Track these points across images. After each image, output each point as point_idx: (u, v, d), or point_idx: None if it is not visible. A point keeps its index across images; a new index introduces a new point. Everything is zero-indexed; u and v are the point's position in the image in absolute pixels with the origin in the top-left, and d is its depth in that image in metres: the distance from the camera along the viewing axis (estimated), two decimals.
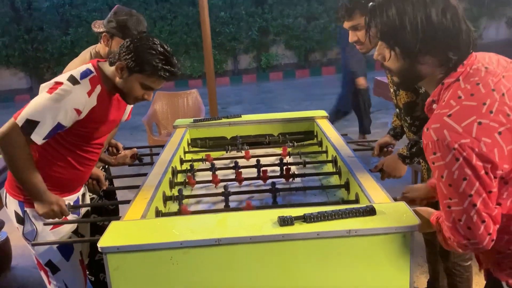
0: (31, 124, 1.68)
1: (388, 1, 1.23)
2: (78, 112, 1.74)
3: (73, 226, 1.98)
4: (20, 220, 1.90)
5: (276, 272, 1.39)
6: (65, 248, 1.94)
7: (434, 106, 1.28)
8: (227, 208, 1.89)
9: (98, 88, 1.80)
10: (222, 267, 1.38)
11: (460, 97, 1.20)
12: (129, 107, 2.21)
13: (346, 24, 2.01)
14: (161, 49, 1.75)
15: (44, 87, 1.78)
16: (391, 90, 2.19)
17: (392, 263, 1.38)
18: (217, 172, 2.27)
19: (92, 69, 1.82)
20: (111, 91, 1.86)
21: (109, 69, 1.83)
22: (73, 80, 1.75)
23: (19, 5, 11.12)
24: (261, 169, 2.24)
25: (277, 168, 2.30)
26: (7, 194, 1.94)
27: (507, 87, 1.20)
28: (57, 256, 1.93)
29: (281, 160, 2.34)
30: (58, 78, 1.77)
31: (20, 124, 1.68)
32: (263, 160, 2.37)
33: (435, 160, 1.18)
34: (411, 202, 1.70)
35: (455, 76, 1.24)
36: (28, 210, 1.88)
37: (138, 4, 10.95)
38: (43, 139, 1.72)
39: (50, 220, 1.87)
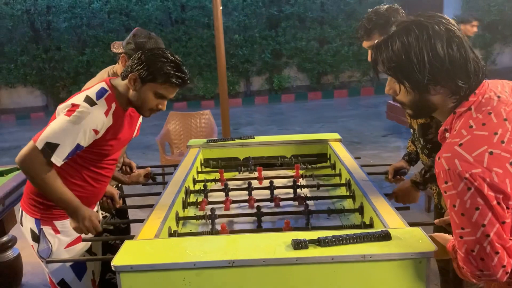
0: (51, 147, 1.70)
1: (392, 36, 1.25)
2: (96, 132, 1.77)
3: (87, 245, 1.98)
4: (36, 238, 1.91)
5: None
6: (78, 267, 1.94)
7: (447, 135, 1.28)
8: (245, 229, 1.88)
9: (113, 106, 1.82)
10: None
11: (471, 127, 1.19)
12: (139, 123, 2.22)
13: (365, 44, 2.05)
14: (172, 57, 1.79)
15: (61, 109, 1.80)
16: None
17: None
18: (230, 193, 2.27)
19: (106, 87, 1.85)
20: (125, 107, 1.88)
21: (121, 84, 1.85)
22: (90, 101, 1.78)
23: (39, 25, 11.41)
24: (274, 196, 2.22)
25: (290, 190, 2.29)
26: (23, 212, 1.95)
27: None
28: (70, 275, 1.93)
29: (294, 182, 2.34)
30: (74, 100, 1.80)
31: (40, 147, 1.70)
32: (276, 182, 2.36)
33: (447, 190, 1.18)
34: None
35: (467, 105, 1.24)
36: (44, 228, 1.89)
37: (154, 26, 11.17)
38: (63, 160, 1.74)
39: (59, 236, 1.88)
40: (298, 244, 1.38)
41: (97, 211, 2.14)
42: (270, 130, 8.23)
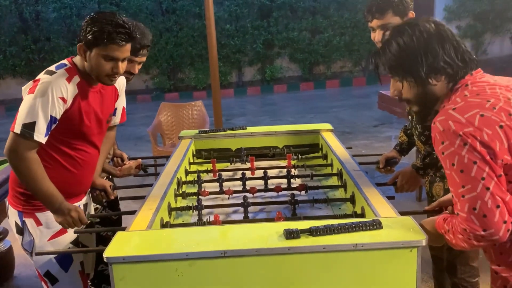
0: (28, 127, 1.69)
1: (387, 41, 1.37)
2: (64, 100, 1.76)
3: (72, 236, 1.96)
4: (19, 230, 1.91)
5: (282, 285, 1.38)
6: (63, 259, 1.92)
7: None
8: (238, 220, 1.89)
9: (77, 78, 1.82)
10: (228, 279, 1.37)
11: (466, 95, 1.29)
12: (120, 106, 2.18)
13: (376, 23, 2.01)
14: (111, 17, 1.76)
15: (25, 89, 1.80)
16: None
17: (398, 277, 1.37)
18: (224, 184, 2.27)
19: (66, 62, 1.86)
20: (90, 82, 1.87)
21: (79, 60, 1.85)
22: (49, 72, 1.80)
23: (27, 15, 11.25)
24: (274, 182, 2.22)
25: (284, 180, 2.30)
26: (9, 205, 1.95)
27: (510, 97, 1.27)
28: (55, 267, 1.92)
29: (288, 172, 2.34)
30: (36, 78, 1.81)
31: (19, 132, 1.70)
32: (270, 172, 2.37)
33: (444, 150, 1.24)
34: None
35: (464, 83, 1.33)
36: (26, 220, 1.88)
37: (144, 16, 11.06)
38: (45, 136, 1.73)
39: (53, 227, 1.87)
40: (290, 234, 1.39)
41: (87, 203, 2.13)
42: (263, 120, 8.23)
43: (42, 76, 1.78)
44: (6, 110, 11.14)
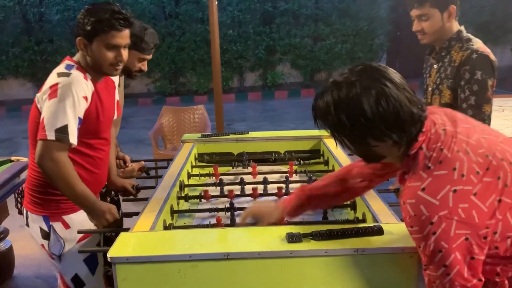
0: (62, 131, 1.69)
1: (327, 106, 1.23)
2: (86, 99, 1.76)
3: (98, 238, 1.95)
4: (46, 235, 1.89)
5: None
6: (91, 261, 1.93)
7: (406, 177, 1.28)
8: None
9: (88, 75, 1.82)
10: (230, 281, 1.39)
11: (429, 167, 1.20)
12: (116, 99, 2.18)
13: (414, 12, 2.03)
14: (106, 6, 1.76)
15: (41, 96, 1.77)
16: (429, 88, 2.20)
17: (398, 283, 1.39)
18: (224, 188, 2.29)
19: (71, 62, 1.84)
20: (97, 78, 1.87)
21: (80, 58, 1.84)
22: (64, 74, 1.77)
23: (31, 17, 11.30)
24: (276, 187, 2.24)
25: (284, 186, 2.31)
26: (28, 213, 1.92)
27: (466, 142, 1.22)
28: (83, 270, 1.92)
29: (286, 178, 2.36)
30: (48, 83, 1.78)
31: (54, 138, 1.68)
32: (270, 177, 2.38)
33: (412, 233, 1.22)
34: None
35: (418, 146, 1.24)
36: (54, 224, 1.88)
37: (147, 20, 11.10)
38: (76, 138, 1.74)
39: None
40: (293, 238, 1.40)
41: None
42: (263, 126, 8.25)
43: (58, 80, 1.75)
44: (7, 111, 11.15)
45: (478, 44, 2.05)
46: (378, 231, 1.44)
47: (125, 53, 1.83)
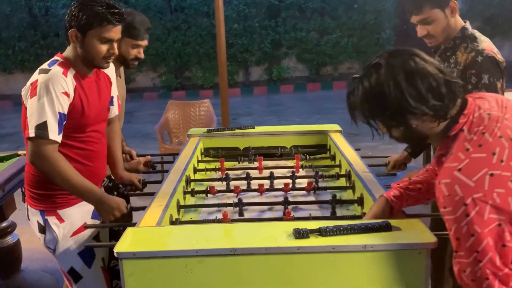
0: (41, 127, 1.70)
1: (362, 98, 1.27)
2: (67, 94, 1.76)
3: (93, 232, 1.97)
4: (42, 229, 1.91)
5: (290, 284, 1.39)
6: (86, 255, 1.93)
7: (443, 159, 1.28)
8: (247, 218, 1.90)
9: (72, 71, 1.82)
10: (236, 277, 1.38)
11: (468, 149, 1.20)
12: (115, 94, 2.17)
13: (415, 19, 1.95)
14: (100, 0, 1.76)
15: (25, 94, 1.80)
16: None
17: (407, 279, 1.38)
18: (230, 183, 2.28)
19: (57, 57, 1.85)
20: (85, 71, 1.87)
21: (70, 50, 1.84)
22: (43, 71, 1.78)
23: (37, 11, 11.32)
24: (282, 182, 2.23)
25: (290, 181, 2.30)
26: (28, 206, 1.95)
27: None
28: (78, 263, 1.93)
29: (293, 173, 2.35)
30: (30, 80, 1.80)
31: (34, 135, 1.70)
32: (276, 172, 2.37)
33: (445, 214, 1.20)
34: None
35: (458, 127, 1.24)
36: (49, 218, 1.89)
37: (153, 14, 11.08)
38: (58, 134, 1.74)
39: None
40: (300, 234, 1.39)
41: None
42: (269, 120, 8.24)
43: (38, 77, 1.76)
44: (14, 105, 11.21)
45: (483, 44, 1.94)
46: (386, 227, 1.43)
47: (116, 46, 1.84)
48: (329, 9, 11.54)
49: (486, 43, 1.95)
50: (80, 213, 1.94)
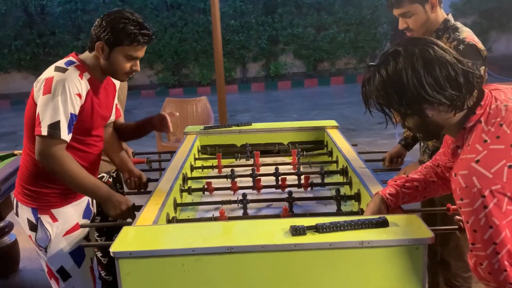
0: (53, 127, 1.70)
1: (374, 71, 1.26)
2: (80, 96, 1.76)
3: (84, 232, 1.97)
4: (33, 227, 1.90)
5: (287, 281, 1.38)
6: (77, 254, 1.93)
7: (459, 151, 1.27)
8: (244, 216, 1.89)
9: (87, 75, 1.82)
10: (234, 275, 1.37)
11: (485, 141, 1.19)
12: (115, 103, 2.18)
13: (396, 12, 2.00)
14: (132, 17, 1.77)
15: (37, 89, 1.79)
16: None
17: (404, 275, 1.37)
18: (228, 180, 2.27)
19: (74, 59, 1.84)
20: (100, 78, 1.88)
21: (90, 57, 1.84)
22: (60, 69, 1.78)
23: (33, 9, 11.28)
24: (280, 177, 2.23)
25: (290, 177, 2.29)
26: (18, 203, 1.94)
27: None
28: (69, 262, 1.92)
29: (298, 169, 2.34)
30: (45, 74, 1.79)
31: (46, 133, 1.69)
32: (272, 169, 2.36)
33: (462, 206, 1.18)
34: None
35: (475, 119, 1.24)
36: (42, 217, 1.88)
37: (149, 11, 11.06)
38: (68, 134, 1.74)
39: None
40: (296, 231, 1.39)
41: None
42: (267, 117, 8.23)
43: (53, 74, 1.76)
44: (11, 104, 11.19)
45: (464, 33, 1.95)
46: (383, 222, 1.42)
47: (138, 63, 1.87)
48: (325, 4, 11.52)
49: (467, 33, 1.97)
50: (73, 213, 1.93)
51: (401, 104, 1.24)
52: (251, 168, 2.42)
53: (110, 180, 2.52)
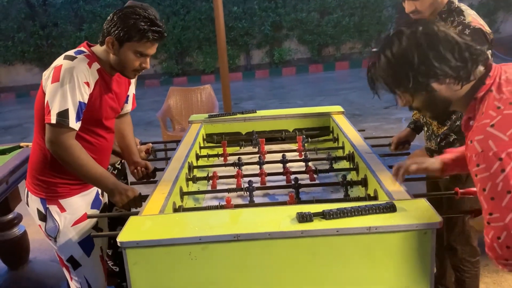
0: (62, 115, 1.70)
1: (378, 53, 1.29)
2: (88, 84, 1.76)
3: (93, 221, 1.99)
4: (42, 217, 1.92)
5: (295, 268, 1.38)
6: (86, 244, 1.95)
7: (471, 122, 1.26)
8: (251, 203, 1.88)
9: (96, 65, 1.81)
10: (241, 262, 1.37)
11: (499, 107, 1.19)
12: (131, 93, 2.19)
13: None
14: (144, 13, 1.75)
15: (46, 78, 1.79)
16: None
17: (412, 260, 1.37)
18: (233, 168, 2.27)
19: (84, 49, 1.84)
20: (110, 71, 1.87)
21: (101, 50, 1.83)
22: (69, 57, 1.78)
23: (34, 1, 11.23)
24: (285, 165, 2.21)
25: (297, 164, 2.28)
26: (29, 193, 1.95)
27: None
28: (78, 251, 1.94)
29: (305, 155, 2.33)
30: (55, 63, 1.79)
31: (55, 122, 1.70)
32: (278, 156, 2.35)
33: (478, 172, 1.16)
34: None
35: (486, 88, 1.24)
36: (50, 207, 1.90)
37: (151, 0, 10.97)
38: (77, 122, 1.74)
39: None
40: (303, 217, 1.38)
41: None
42: (272, 104, 8.19)
43: (62, 62, 1.76)
44: (16, 96, 11.22)
45: (469, 17, 1.93)
46: (391, 208, 1.41)
47: (149, 60, 1.85)
48: None
49: (472, 16, 1.95)
50: (81, 203, 1.94)
51: (408, 82, 1.25)
52: (257, 155, 2.42)
53: (115, 172, 2.52)
